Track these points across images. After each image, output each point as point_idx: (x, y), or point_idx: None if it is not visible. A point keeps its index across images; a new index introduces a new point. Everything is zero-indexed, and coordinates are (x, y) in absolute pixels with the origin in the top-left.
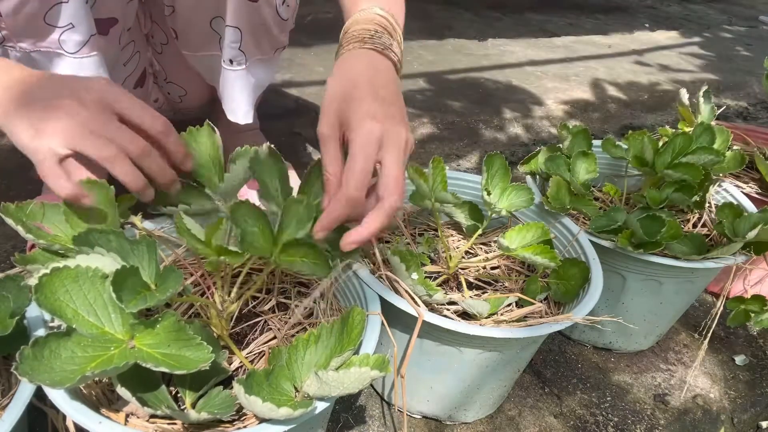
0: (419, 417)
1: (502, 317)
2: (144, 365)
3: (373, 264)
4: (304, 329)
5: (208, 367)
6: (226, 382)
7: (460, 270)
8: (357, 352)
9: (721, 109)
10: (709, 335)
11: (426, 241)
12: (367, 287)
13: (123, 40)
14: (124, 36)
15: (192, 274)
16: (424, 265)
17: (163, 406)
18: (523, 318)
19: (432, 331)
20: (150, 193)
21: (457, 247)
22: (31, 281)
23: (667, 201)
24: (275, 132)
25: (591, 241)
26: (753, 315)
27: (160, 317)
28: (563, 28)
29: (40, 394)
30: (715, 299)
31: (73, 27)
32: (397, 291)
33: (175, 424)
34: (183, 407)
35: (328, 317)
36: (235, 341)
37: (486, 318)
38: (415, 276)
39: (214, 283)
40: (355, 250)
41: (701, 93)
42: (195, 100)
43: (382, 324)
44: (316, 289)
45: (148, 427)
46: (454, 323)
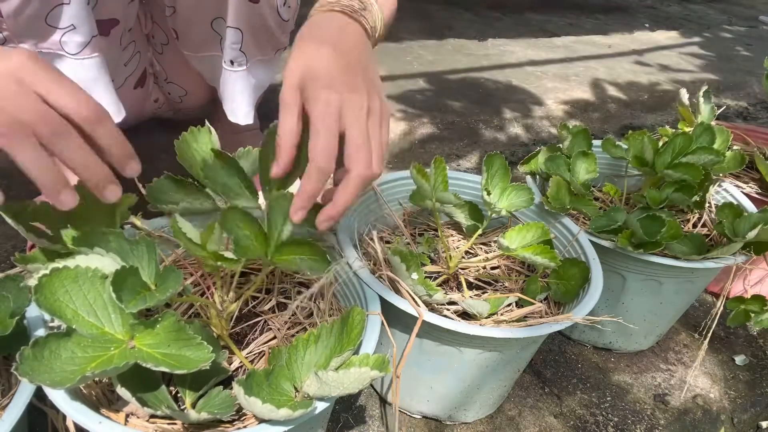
0: (419, 417)
1: (502, 317)
2: (144, 365)
3: (374, 264)
4: (304, 329)
5: (208, 367)
6: (226, 382)
7: (460, 270)
8: (357, 352)
9: (721, 109)
10: (709, 335)
11: (426, 241)
12: (367, 287)
13: (124, 41)
14: (125, 36)
15: (192, 274)
16: (424, 265)
17: (163, 406)
18: (523, 318)
19: (432, 331)
20: (68, 198)
21: (457, 247)
22: (31, 282)
23: (667, 201)
24: None
25: (591, 241)
26: (753, 315)
27: (160, 317)
28: (563, 28)
29: (40, 394)
30: (715, 299)
31: (74, 28)
32: (397, 291)
33: (175, 424)
34: (183, 407)
35: (328, 317)
36: (235, 341)
37: (486, 318)
38: (415, 276)
39: (214, 283)
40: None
41: (701, 93)
42: (195, 100)
43: (382, 324)
44: (315, 285)
45: (148, 427)
46: (454, 323)
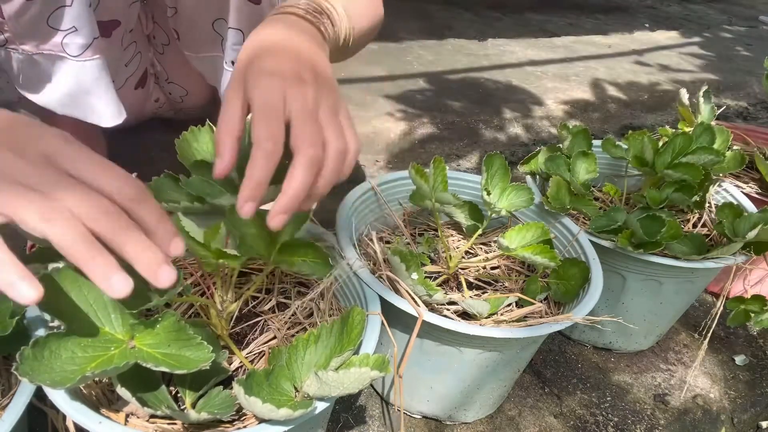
0: (419, 417)
1: (502, 317)
2: (144, 365)
3: (373, 264)
4: (304, 329)
5: (208, 367)
6: (226, 382)
7: (460, 270)
8: (357, 352)
9: (721, 109)
10: (709, 335)
11: (426, 241)
12: (367, 287)
13: (125, 42)
14: (126, 37)
15: (192, 274)
16: (424, 265)
17: (163, 406)
18: (523, 318)
19: (432, 331)
20: (119, 282)
21: (457, 247)
22: None
23: (667, 201)
24: None
25: (591, 241)
26: (753, 315)
27: (160, 317)
28: (563, 28)
29: (40, 394)
30: (715, 299)
31: (76, 30)
32: (397, 291)
33: (175, 424)
34: (183, 407)
35: (328, 317)
36: (235, 341)
37: (486, 318)
38: (415, 276)
39: (214, 283)
40: (303, 217)
41: (701, 93)
42: (196, 100)
43: (382, 324)
44: (317, 289)
45: (148, 427)
46: (454, 323)
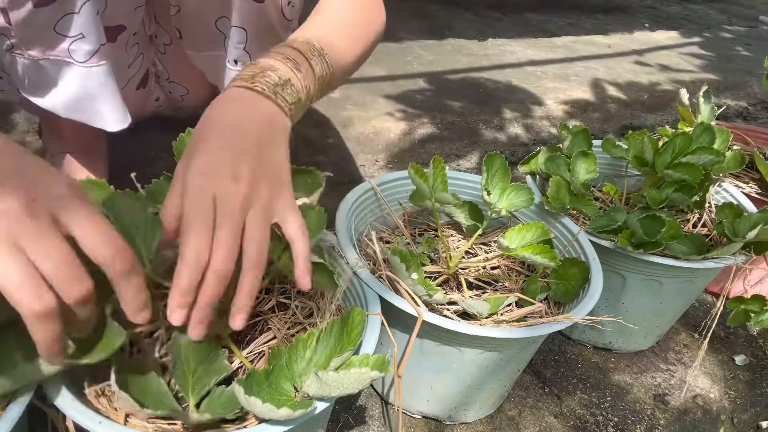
0: (419, 417)
1: (502, 317)
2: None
3: (373, 264)
4: (304, 329)
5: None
6: (226, 383)
7: (460, 270)
8: (357, 352)
9: (721, 109)
10: (709, 335)
11: (426, 241)
12: (367, 287)
13: (129, 45)
14: (129, 40)
15: None
16: (424, 265)
17: (165, 407)
18: (523, 318)
19: (432, 331)
20: (54, 357)
21: (457, 247)
22: None
23: (667, 201)
24: None
25: (591, 241)
26: (753, 315)
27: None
28: (563, 28)
29: (40, 394)
30: (715, 299)
31: (83, 37)
32: (397, 291)
33: (175, 424)
34: (185, 405)
35: (328, 317)
36: (235, 341)
37: (486, 318)
38: (415, 276)
39: None
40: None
41: (701, 93)
42: (197, 99)
43: (382, 324)
44: (326, 310)
45: (148, 427)
46: (454, 323)
